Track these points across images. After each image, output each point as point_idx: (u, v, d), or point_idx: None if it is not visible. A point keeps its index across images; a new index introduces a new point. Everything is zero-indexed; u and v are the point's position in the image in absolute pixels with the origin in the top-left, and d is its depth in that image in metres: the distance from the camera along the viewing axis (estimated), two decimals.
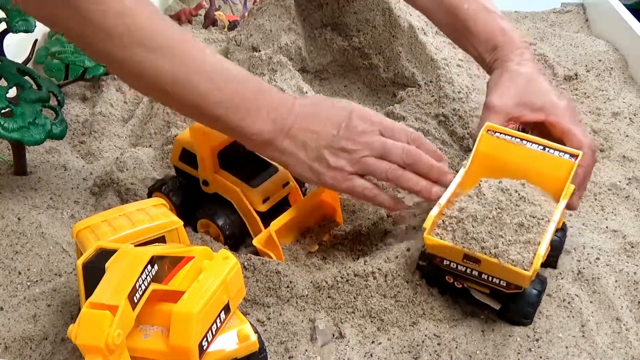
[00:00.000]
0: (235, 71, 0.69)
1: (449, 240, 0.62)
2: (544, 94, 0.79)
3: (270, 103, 0.69)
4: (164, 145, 0.98)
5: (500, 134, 0.70)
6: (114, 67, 0.68)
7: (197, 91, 0.66)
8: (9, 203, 0.82)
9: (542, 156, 0.69)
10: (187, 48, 0.66)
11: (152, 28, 0.64)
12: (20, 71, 0.85)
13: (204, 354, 0.53)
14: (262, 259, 0.73)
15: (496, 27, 0.85)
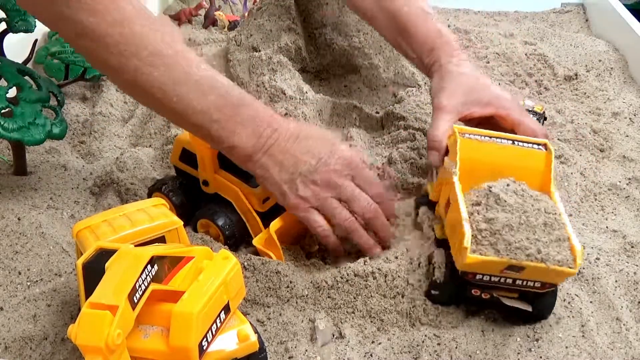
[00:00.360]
0: (222, 85, 0.70)
1: (493, 255, 0.60)
2: (489, 89, 0.81)
3: (254, 118, 0.71)
4: (164, 145, 0.98)
5: (470, 135, 0.69)
6: (109, 74, 0.70)
7: (183, 101, 0.68)
8: (9, 203, 0.82)
9: (516, 151, 0.69)
10: (178, 59, 0.67)
11: (145, 38, 0.66)
12: (20, 71, 0.85)
13: (204, 354, 0.53)
14: (262, 259, 0.73)
15: (433, 29, 0.86)
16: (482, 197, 0.64)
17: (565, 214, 0.64)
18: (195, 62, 0.69)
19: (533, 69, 1.23)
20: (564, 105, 1.14)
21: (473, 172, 0.67)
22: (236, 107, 0.70)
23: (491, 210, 0.62)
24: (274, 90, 1.02)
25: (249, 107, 0.71)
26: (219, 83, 0.70)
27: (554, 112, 1.11)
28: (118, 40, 0.64)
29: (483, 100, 0.80)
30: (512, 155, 0.68)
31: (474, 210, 0.63)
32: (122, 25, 0.64)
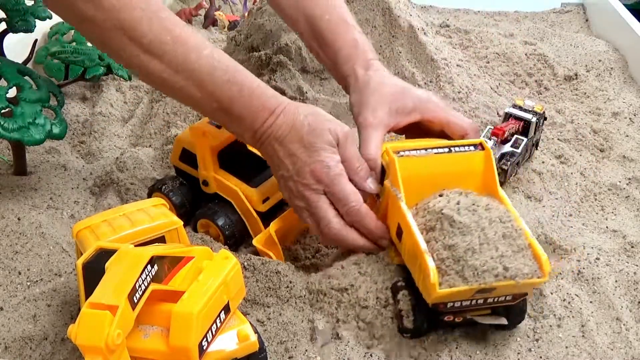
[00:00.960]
0: (220, 75, 0.68)
1: (462, 284, 0.58)
2: (410, 94, 0.79)
3: (250, 112, 0.70)
4: (164, 145, 0.98)
5: (405, 152, 0.67)
6: (113, 58, 0.70)
7: (182, 90, 0.68)
8: (9, 203, 0.82)
9: (454, 158, 0.67)
10: (176, 47, 0.66)
11: (144, 24, 0.65)
12: (20, 71, 0.85)
13: (204, 354, 0.53)
14: (262, 259, 0.73)
15: (350, 39, 0.83)
16: (434, 220, 0.62)
17: (518, 215, 0.63)
18: (197, 47, 0.67)
19: (533, 69, 1.23)
20: (564, 105, 1.14)
21: (416, 189, 0.65)
22: (233, 100, 0.69)
23: (448, 235, 0.60)
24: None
25: (246, 101, 0.70)
26: (218, 71, 0.68)
27: (554, 112, 1.11)
28: (116, 26, 0.64)
29: (407, 107, 0.78)
30: (451, 162, 0.67)
31: (430, 237, 0.61)
32: (120, 11, 0.63)
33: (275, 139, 0.70)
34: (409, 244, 0.63)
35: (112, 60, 0.97)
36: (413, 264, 0.62)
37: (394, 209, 0.67)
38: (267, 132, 0.70)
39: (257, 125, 0.70)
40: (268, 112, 0.70)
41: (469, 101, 1.04)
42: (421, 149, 0.67)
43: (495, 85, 1.16)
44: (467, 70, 1.14)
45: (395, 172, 0.65)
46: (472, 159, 0.67)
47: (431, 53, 1.11)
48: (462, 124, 0.77)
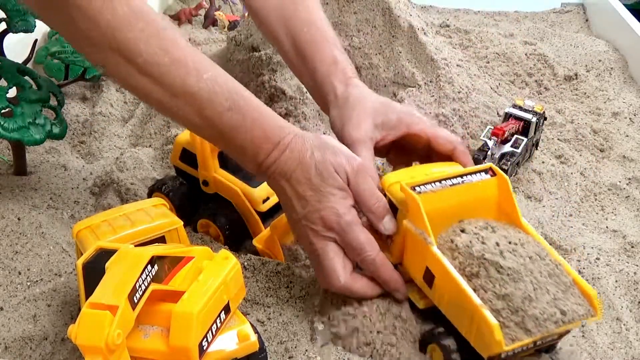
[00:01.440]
0: (221, 102, 0.64)
1: (526, 336, 0.55)
2: (393, 109, 0.74)
3: (252, 145, 0.65)
4: (164, 145, 0.98)
5: (421, 188, 0.63)
6: (111, 75, 0.66)
7: (180, 114, 0.64)
8: (9, 203, 0.82)
9: (468, 187, 0.64)
10: (174, 69, 0.62)
11: (140, 44, 0.61)
12: (20, 71, 0.85)
13: (204, 354, 0.53)
14: (262, 259, 0.73)
15: (329, 56, 0.78)
16: (475, 266, 0.58)
17: (545, 242, 0.61)
18: (197, 71, 0.63)
19: (533, 69, 1.23)
20: (564, 105, 1.14)
21: (436, 223, 0.62)
22: (234, 130, 0.64)
23: (499, 283, 0.57)
24: (274, 90, 1.02)
25: (248, 132, 0.65)
26: (219, 97, 0.63)
27: (554, 112, 1.11)
28: (111, 46, 0.60)
29: (392, 120, 0.73)
30: (466, 193, 0.64)
31: (476, 285, 0.58)
32: (116, 30, 0.60)
33: (282, 175, 0.65)
34: (451, 293, 0.59)
35: None
36: (458, 314, 0.59)
37: (419, 252, 0.62)
38: (272, 168, 0.65)
39: (261, 158, 0.65)
40: (272, 144, 0.65)
41: (469, 101, 1.04)
42: (434, 181, 0.63)
43: (495, 85, 1.16)
44: (467, 70, 1.14)
45: (420, 213, 0.61)
46: (485, 186, 0.65)
47: (431, 53, 1.11)
48: (450, 138, 0.73)
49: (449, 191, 0.63)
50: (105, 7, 0.59)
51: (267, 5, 0.81)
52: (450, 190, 0.63)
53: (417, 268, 0.63)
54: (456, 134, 0.99)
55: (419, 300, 0.64)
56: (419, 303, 0.64)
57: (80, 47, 0.64)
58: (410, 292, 0.65)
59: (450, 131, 1.00)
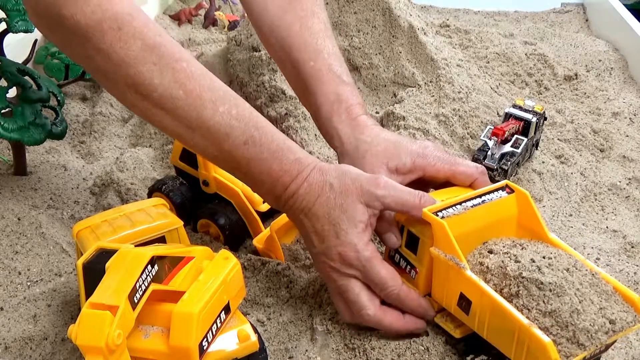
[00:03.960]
0: (238, 134, 0.63)
1: (580, 350, 0.53)
2: (405, 150, 0.71)
3: (269, 179, 0.64)
4: (164, 145, 0.98)
5: (444, 212, 0.61)
6: (130, 109, 0.66)
7: (198, 147, 0.64)
8: (9, 203, 0.82)
9: (488, 208, 0.62)
10: (190, 102, 0.61)
11: (154, 78, 0.60)
12: (20, 71, 0.85)
13: (205, 354, 0.53)
14: (262, 259, 0.73)
15: (332, 93, 0.75)
16: (514, 286, 0.56)
17: (577, 253, 0.60)
18: (213, 103, 0.62)
19: (533, 69, 1.23)
20: (564, 105, 1.14)
21: (461, 247, 0.60)
22: (251, 162, 0.63)
23: (542, 299, 0.55)
24: (274, 90, 1.02)
25: (265, 165, 0.63)
26: (235, 130, 0.62)
27: (554, 112, 1.11)
28: (126, 82, 0.60)
29: (406, 164, 0.70)
30: (488, 213, 0.62)
31: (519, 305, 0.56)
32: (128, 66, 0.59)
33: (300, 210, 0.64)
34: (493, 316, 0.57)
35: None
36: (503, 337, 0.57)
37: (451, 279, 0.60)
38: (290, 202, 0.64)
39: (279, 192, 0.64)
40: (290, 177, 0.64)
41: (469, 101, 1.04)
42: (455, 204, 0.61)
43: (495, 85, 1.16)
44: (467, 70, 1.14)
45: (448, 238, 0.59)
46: (505, 204, 0.63)
47: (431, 53, 1.11)
48: (468, 171, 0.70)
49: (471, 213, 0.61)
50: (117, 43, 0.58)
51: (271, 28, 0.78)
52: (472, 212, 0.61)
53: (450, 296, 0.61)
54: (456, 134, 0.99)
55: (455, 330, 0.63)
56: (454, 332, 0.63)
57: (100, 82, 0.65)
58: (443, 323, 0.64)
59: (450, 132, 1.00)
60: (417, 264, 0.64)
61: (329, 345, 0.65)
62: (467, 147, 0.98)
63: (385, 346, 0.63)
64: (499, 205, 0.63)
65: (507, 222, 0.64)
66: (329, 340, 0.65)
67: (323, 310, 0.68)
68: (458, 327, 0.63)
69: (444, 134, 0.99)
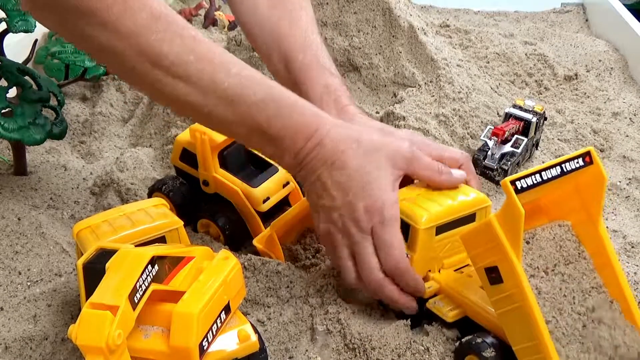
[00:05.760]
0: (254, 93, 0.62)
1: None
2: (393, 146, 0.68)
3: (291, 132, 0.63)
4: (164, 145, 0.98)
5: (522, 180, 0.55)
6: (136, 88, 0.66)
7: (213, 113, 0.63)
8: (9, 203, 0.82)
9: (565, 180, 0.57)
10: (202, 66, 0.61)
11: (164, 46, 0.60)
12: (20, 71, 0.85)
13: (205, 354, 0.53)
14: (262, 259, 0.73)
15: (321, 85, 0.75)
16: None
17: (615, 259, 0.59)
18: (224, 65, 0.62)
19: (533, 69, 1.23)
20: (564, 105, 1.14)
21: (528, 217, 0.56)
22: (271, 119, 0.63)
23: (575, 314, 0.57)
24: None
25: (285, 119, 0.63)
26: (250, 90, 0.62)
27: (554, 112, 1.11)
28: (136, 52, 0.59)
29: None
30: (562, 186, 0.58)
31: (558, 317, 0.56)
32: (138, 36, 0.59)
33: (323, 162, 0.63)
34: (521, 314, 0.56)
35: None
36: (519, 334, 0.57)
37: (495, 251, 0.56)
38: (312, 154, 0.63)
39: (299, 145, 0.63)
40: (312, 129, 0.63)
41: (469, 101, 1.04)
42: (534, 173, 0.55)
43: (495, 85, 1.16)
44: (467, 70, 1.14)
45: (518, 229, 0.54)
46: (579, 177, 0.58)
47: (431, 53, 1.11)
48: (455, 156, 0.70)
49: (548, 186, 0.56)
50: (124, 15, 0.58)
51: (260, 23, 0.79)
52: (550, 185, 0.56)
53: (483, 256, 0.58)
54: (456, 134, 0.99)
55: (447, 314, 0.63)
56: (447, 317, 0.63)
57: (105, 59, 0.63)
58: (434, 308, 0.65)
59: (450, 132, 1.00)
60: (409, 250, 0.64)
61: (329, 345, 0.65)
62: (467, 147, 0.98)
63: (385, 346, 0.63)
64: (573, 179, 0.58)
65: (574, 195, 0.60)
66: (329, 340, 0.65)
67: (323, 310, 0.68)
68: (451, 310, 0.63)
69: (444, 134, 0.99)
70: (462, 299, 0.63)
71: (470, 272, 0.65)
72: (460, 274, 0.67)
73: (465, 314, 0.63)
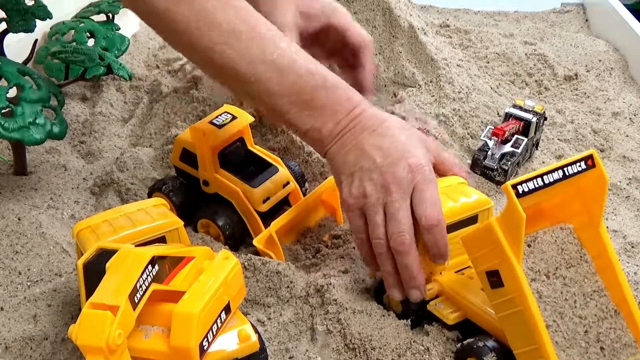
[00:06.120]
0: (301, 65, 0.65)
1: None
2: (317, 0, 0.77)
3: (334, 104, 0.66)
4: (164, 145, 0.98)
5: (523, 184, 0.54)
6: (183, 53, 0.68)
7: (259, 82, 0.65)
8: (9, 203, 0.82)
9: (566, 185, 0.57)
10: (253, 36, 0.64)
11: (217, 14, 0.63)
12: (20, 71, 0.85)
13: (205, 354, 0.53)
14: (262, 259, 0.73)
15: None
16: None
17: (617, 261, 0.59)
18: (273, 38, 0.65)
19: (533, 69, 1.23)
20: (564, 105, 1.14)
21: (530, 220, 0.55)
22: (317, 89, 0.65)
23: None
24: None
25: (330, 91, 0.66)
26: (298, 62, 0.65)
27: (554, 112, 1.11)
28: (188, 18, 0.62)
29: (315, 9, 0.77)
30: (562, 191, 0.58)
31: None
32: (192, 2, 0.62)
33: (365, 128, 0.65)
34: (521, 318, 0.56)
35: (112, 60, 0.97)
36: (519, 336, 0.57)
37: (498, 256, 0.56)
38: (354, 122, 0.65)
39: (340, 117, 0.66)
40: (354, 103, 0.66)
41: (469, 101, 1.04)
42: (536, 177, 0.55)
43: (495, 85, 1.16)
44: (467, 70, 1.14)
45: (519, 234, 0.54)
46: (580, 181, 0.57)
47: (431, 53, 1.11)
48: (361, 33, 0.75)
49: (550, 190, 0.56)
50: None
51: None
52: (552, 189, 0.56)
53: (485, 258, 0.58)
54: (456, 134, 0.99)
55: (448, 316, 0.63)
56: (448, 319, 0.63)
57: (161, 25, 0.66)
58: (435, 310, 0.65)
59: (450, 132, 1.00)
60: None
61: (329, 345, 0.65)
62: (467, 147, 0.98)
63: (385, 346, 0.63)
64: (576, 181, 0.57)
65: (576, 199, 0.60)
66: (329, 340, 0.65)
67: (323, 310, 0.68)
68: (451, 313, 0.63)
69: (444, 134, 0.99)
70: (463, 300, 0.63)
71: (471, 274, 0.65)
72: (462, 275, 0.67)
73: (466, 316, 0.63)
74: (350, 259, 0.78)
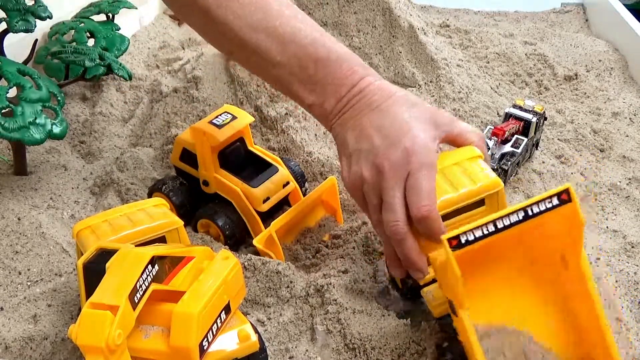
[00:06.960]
0: (306, 35, 0.62)
1: None
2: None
3: (337, 77, 0.63)
4: (164, 145, 0.98)
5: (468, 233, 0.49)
6: (184, 19, 0.66)
7: (261, 50, 0.63)
8: (9, 203, 0.82)
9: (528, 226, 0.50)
10: (257, 1, 0.62)
11: None
12: (20, 71, 0.85)
13: (205, 354, 0.53)
14: (262, 259, 0.73)
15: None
16: None
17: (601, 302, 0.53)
18: (277, 6, 0.63)
19: (533, 69, 1.23)
20: (564, 105, 1.14)
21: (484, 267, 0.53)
22: (320, 61, 0.63)
23: None
24: (274, 90, 1.02)
25: (334, 63, 0.63)
26: (302, 31, 0.62)
27: (554, 112, 1.11)
28: None
29: None
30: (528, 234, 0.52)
31: None
32: None
33: (367, 105, 0.62)
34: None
35: (112, 60, 0.97)
36: None
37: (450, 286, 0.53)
38: (357, 98, 0.62)
39: (343, 92, 0.63)
40: (358, 77, 0.63)
41: (469, 101, 1.04)
42: (487, 223, 0.50)
43: (495, 85, 1.16)
44: (467, 70, 1.14)
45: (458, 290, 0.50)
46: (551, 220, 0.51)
47: (431, 53, 1.11)
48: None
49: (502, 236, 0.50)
50: None
51: None
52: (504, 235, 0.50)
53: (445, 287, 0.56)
54: None
55: (435, 308, 0.62)
56: (434, 311, 0.62)
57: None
58: (427, 296, 0.64)
59: None
60: None
61: (329, 345, 0.65)
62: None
63: (385, 346, 0.63)
64: (543, 222, 0.51)
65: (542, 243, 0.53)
66: (329, 340, 0.65)
67: (323, 310, 0.68)
68: (439, 305, 0.62)
69: None
70: None
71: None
72: None
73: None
74: (350, 259, 0.78)
